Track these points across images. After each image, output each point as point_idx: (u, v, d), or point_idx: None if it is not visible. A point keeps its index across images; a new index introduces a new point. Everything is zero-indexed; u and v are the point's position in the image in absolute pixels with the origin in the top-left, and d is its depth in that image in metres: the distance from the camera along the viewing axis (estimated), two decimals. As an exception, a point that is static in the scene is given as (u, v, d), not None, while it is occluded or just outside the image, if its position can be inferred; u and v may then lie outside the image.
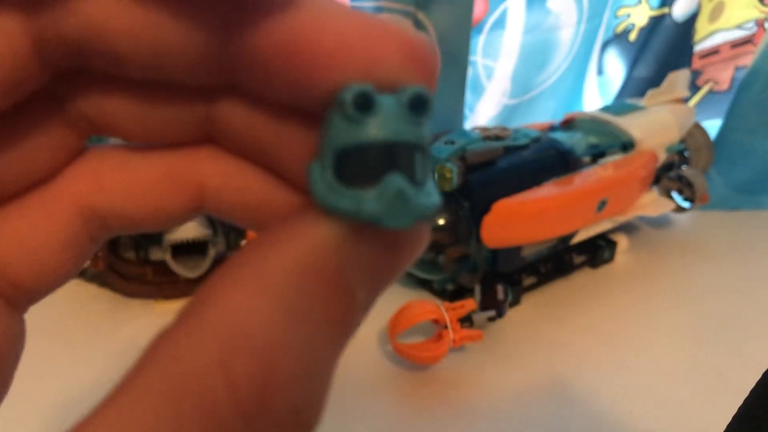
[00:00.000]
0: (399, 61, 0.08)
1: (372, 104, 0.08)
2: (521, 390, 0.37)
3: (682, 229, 0.58)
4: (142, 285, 0.44)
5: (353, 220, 0.08)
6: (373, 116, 0.08)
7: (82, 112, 0.10)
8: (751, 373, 0.19)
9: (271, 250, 0.08)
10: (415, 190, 0.08)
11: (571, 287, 0.48)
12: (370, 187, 0.08)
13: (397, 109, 0.08)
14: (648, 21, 0.66)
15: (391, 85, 0.08)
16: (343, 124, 0.08)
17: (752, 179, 0.60)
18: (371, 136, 0.08)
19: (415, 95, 0.08)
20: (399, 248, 0.09)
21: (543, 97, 0.67)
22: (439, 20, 0.49)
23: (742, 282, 0.49)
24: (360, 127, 0.08)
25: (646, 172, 0.49)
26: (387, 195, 0.08)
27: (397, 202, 0.08)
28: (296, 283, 0.08)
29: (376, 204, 0.08)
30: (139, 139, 0.11)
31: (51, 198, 0.10)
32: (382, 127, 0.08)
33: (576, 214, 0.45)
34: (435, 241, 0.44)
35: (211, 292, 0.08)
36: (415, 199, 0.08)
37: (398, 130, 0.08)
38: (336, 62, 0.08)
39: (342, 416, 0.35)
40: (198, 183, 0.11)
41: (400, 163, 0.08)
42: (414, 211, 0.08)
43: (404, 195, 0.08)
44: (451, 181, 0.38)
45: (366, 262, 0.09)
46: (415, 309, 0.38)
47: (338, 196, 0.08)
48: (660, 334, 0.43)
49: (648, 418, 0.35)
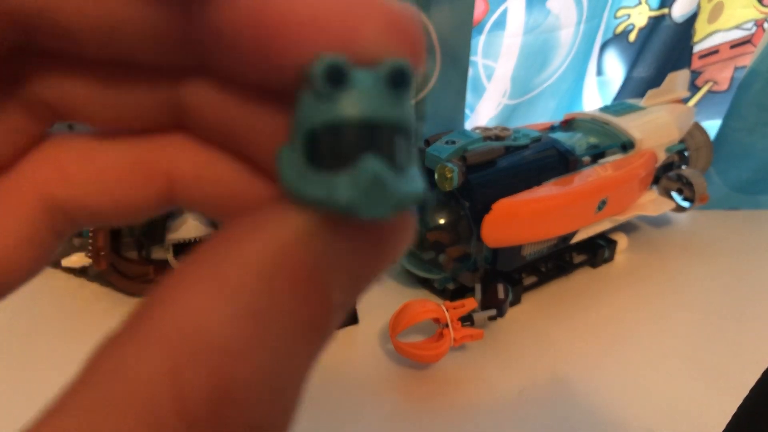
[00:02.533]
0: (378, 32, 0.07)
1: (345, 78, 0.07)
2: (522, 388, 0.37)
3: (681, 229, 0.58)
4: (144, 284, 0.44)
5: (325, 210, 0.08)
6: (347, 91, 0.07)
7: (41, 95, 0.09)
8: (751, 372, 0.19)
9: (233, 246, 0.07)
10: (394, 176, 0.07)
11: (571, 286, 0.48)
12: (345, 172, 0.07)
13: (375, 84, 0.07)
14: (647, 21, 0.67)
15: (370, 60, 0.07)
16: (314, 101, 0.07)
17: (751, 179, 0.60)
18: (344, 114, 0.07)
19: (395, 68, 0.07)
20: (379, 242, 0.08)
21: (543, 98, 0.67)
22: (440, 21, 0.49)
23: (742, 281, 0.50)
24: (332, 104, 0.07)
25: (646, 172, 0.49)
26: (362, 180, 0.07)
27: (373, 188, 0.07)
28: (260, 282, 0.07)
29: (351, 190, 0.07)
30: (104, 125, 0.10)
31: (11, 188, 0.10)
32: (356, 103, 0.07)
33: (576, 214, 0.45)
34: (436, 240, 0.44)
35: (163, 293, 0.07)
36: (395, 185, 0.07)
37: (375, 107, 0.07)
38: (308, 33, 0.07)
39: (343, 414, 0.35)
40: (168, 173, 0.10)
41: (378, 144, 0.07)
42: (393, 199, 0.07)
43: (382, 180, 0.07)
44: (452, 180, 0.39)
45: (342, 258, 0.08)
46: (416, 308, 0.38)
47: (308, 182, 0.07)
48: (660, 332, 0.43)
49: (647, 416, 0.35)
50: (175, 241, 0.41)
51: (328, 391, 0.36)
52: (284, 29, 0.07)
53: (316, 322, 0.08)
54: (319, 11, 0.07)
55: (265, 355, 0.07)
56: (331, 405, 0.35)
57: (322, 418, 0.34)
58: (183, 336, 0.07)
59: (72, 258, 0.44)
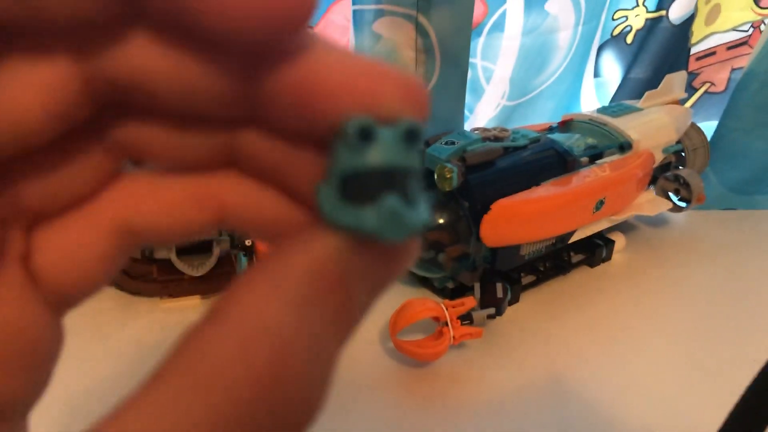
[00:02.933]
0: (396, 97, 0.10)
1: (372, 135, 0.09)
2: (520, 386, 0.38)
3: (678, 229, 0.59)
4: (147, 283, 0.44)
5: (354, 234, 0.10)
6: (374, 145, 0.10)
7: (120, 139, 0.11)
8: (747, 371, 0.19)
9: (284, 260, 0.10)
10: (408, 209, 0.10)
11: (569, 285, 0.49)
12: (370, 206, 0.10)
13: (394, 140, 0.10)
14: (645, 23, 0.67)
15: (389, 119, 0.10)
16: (347, 151, 0.10)
17: (748, 179, 0.60)
18: (371, 163, 0.10)
19: (409, 128, 0.10)
20: (393, 258, 0.11)
21: (541, 99, 0.68)
22: (440, 23, 0.50)
23: (738, 280, 0.50)
24: (361, 155, 0.10)
25: (643, 173, 0.50)
26: (384, 213, 0.10)
27: (392, 219, 0.10)
28: (305, 287, 0.09)
29: (375, 220, 0.10)
30: (170, 164, 0.12)
31: (92, 216, 0.12)
32: (380, 154, 0.10)
33: (574, 214, 0.45)
34: (435, 240, 0.44)
35: (233, 295, 0.09)
36: (408, 216, 0.10)
37: (394, 158, 0.10)
38: (340, 98, 0.09)
39: (343, 411, 0.36)
40: (220, 202, 0.12)
41: (396, 185, 0.10)
42: (407, 227, 0.10)
43: (398, 213, 0.10)
44: (451, 181, 0.39)
45: (365, 269, 0.10)
46: (415, 306, 0.38)
47: (342, 213, 0.10)
48: (656, 331, 0.44)
49: (645, 414, 0.36)
50: (178, 241, 0.41)
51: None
52: (321, 94, 0.10)
53: (345, 316, 0.10)
54: (349, 81, 0.10)
55: (309, 341, 0.09)
56: (331, 402, 0.36)
57: (322, 416, 0.35)
58: (251, 327, 0.09)
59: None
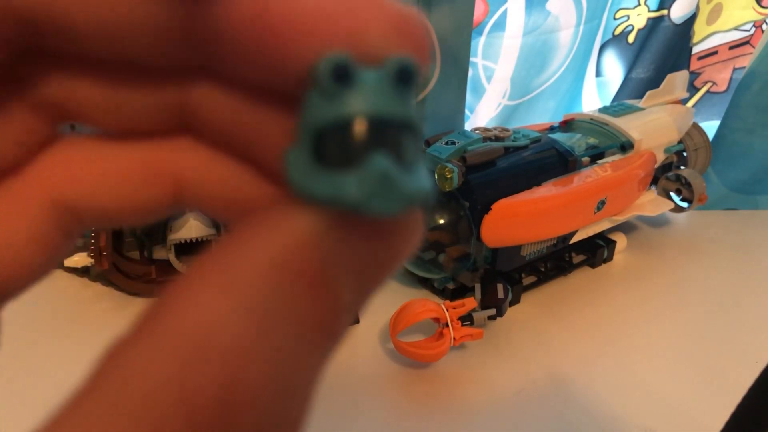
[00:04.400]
0: (383, 30, 0.07)
1: (351, 75, 0.07)
2: (521, 387, 0.38)
3: (680, 229, 0.59)
4: (146, 283, 0.44)
5: (333, 207, 0.07)
6: (354, 89, 0.07)
7: (49, 96, 0.09)
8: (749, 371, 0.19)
9: (242, 247, 0.07)
10: (402, 172, 0.07)
11: (570, 286, 0.49)
12: (353, 170, 0.07)
13: (381, 82, 0.07)
14: (646, 23, 0.67)
15: (375, 58, 0.08)
16: (320, 100, 0.07)
17: (750, 179, 0.60)
18: (351, 111, 0.07)
19: (401, 66, 0.08)
20: (388, 241, 0.08)
21: (542, 98, 0.68)
22: (440, 22, 0.49)
23: (740, 281, 0.50)
24: (339, 103, 0.07)
25: (645, 173, 0.49)
26: (370, 177, 0.07)
27: (382, 184, 0.07)
28: (269, 283, 0.07)
29: (359, 187, 0.07)
30: (112, 126, 0.10)
31: (20, 188, 0.10)
32: (363, 100, 0.07)
33: (575, 214, 0.45)
34: (436, 240, 0.44)
35: (172, 295, 0.07)
36: (403, 181, 0.07)
37: (382, 104, 0.07)
38: (312, 32, 0.07)
39: (343, 413, 0.35)
40: (175, 175, 0.10)
41: (386, 141, 0.07)
42: (402, 196, 0.07)
43: (390, 177, 0.07)
44: (452, 181, 0.39)
45: (351, 257, 0.08)
46: (416, 307, 0.38)
47: (316, 181, 0.07)
48: (658, 332, 0.43)
49: (646, 415, 0.35)
50: (177, 241, 0.41)
51: (329, 390, 0.36)
52: (287, 27, 0.07)
53: (325, 322, 0.08)
54: (324, 9, 0.07)
55: (272, 354, 0.07)
56: (331, 404, 0.36)
57: (322, 417, 0.35)
58: (189, 336, 0.07)
59: (74, 258, 0.45)
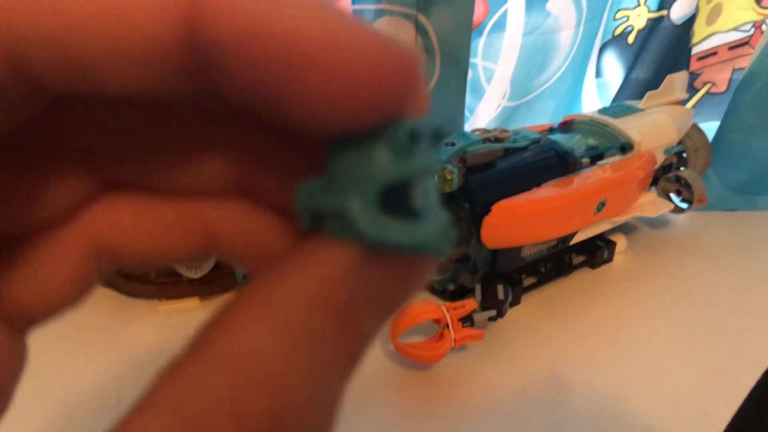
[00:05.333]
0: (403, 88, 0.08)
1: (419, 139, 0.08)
2: (522, 388, 0.37)
3: (680, 230, 0.59)
4: (145, 285, 0.44)
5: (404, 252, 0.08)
6: (418, 149, 0.08)
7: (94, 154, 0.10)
8: (750, 372, 0.19)
9: (282, 282, 0.08)
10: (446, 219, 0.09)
11: (570, 287, 0.49)
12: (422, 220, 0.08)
13: (429, 142, 0.08)
14: (646, 23, 0.67)
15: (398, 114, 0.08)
16: (390, 158, 0.08)
17: (749, 180, 0.60)
18: (418, 170, 0.08)
19: (437, 128, 0.08)
20: (406, 279, 0.09)
21: (542, 99, 0.68)
22: (440, 23, 0.49)
23: (739, 282, 0.50)
24: (408, 161, 0.08)
25: (645, 174, 0.49)
26: (440, 225, 0.08)
27: (446, 232, 0.08)
28: (306, 315, 0.08)
29: (430, 235, 0.08)
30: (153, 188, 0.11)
31: (66, 234, 0.11)
32: (424, 159, 0.08)
33: (575, 215, 0.45)
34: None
35: (221, 322, 0.08)
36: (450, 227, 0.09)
37: (433, 162, 0.08)
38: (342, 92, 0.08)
39: (344, 415, 0.35)
40: (209, 229, 0.11)
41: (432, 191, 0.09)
42: (452, 239, 0.09)
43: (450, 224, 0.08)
44: (452, 182, 0.39)
45: (374, 293, 0.09)
46: (416, 309, 0.38)
47: (388, 230, 0.08)
48: (658, 333, 0.43)
49: (646, 416, 0.35)
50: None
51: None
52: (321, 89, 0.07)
53: (350, 349, 0.09)
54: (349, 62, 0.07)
55: (310, 379, 0.08)
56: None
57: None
58: (241, 363, 0.07)
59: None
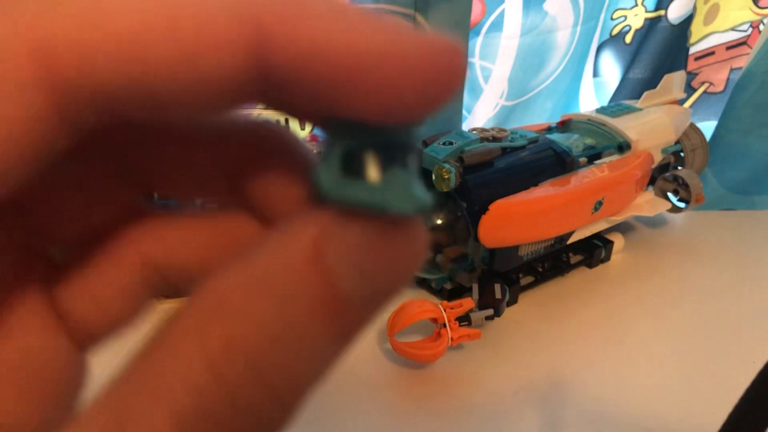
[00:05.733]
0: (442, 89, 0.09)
1: None
2: (519, 387, 0.38)
3: (677, 229, 0.59)
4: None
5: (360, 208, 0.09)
6: None
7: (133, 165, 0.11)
8: (746, 371, 0.19)
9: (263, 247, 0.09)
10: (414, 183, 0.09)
11: (567, 286, 0.49)
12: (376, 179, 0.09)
13: None
14: (644, 23, 0.67)
15: None
16: None
17: (747, 180, 0.60)
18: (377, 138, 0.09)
19: None
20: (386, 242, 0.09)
21: (540, 99, 0.68)
22: (438, 22, 0.49)
23: (736, 281, 0.50)
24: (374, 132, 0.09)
25: (642, 173, 0.50)
26: (394, 183, 0.09)
27: (402, 189, 0.09)
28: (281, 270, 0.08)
29: (383, 193, 0.09)
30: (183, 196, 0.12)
31: (117, 250, 0.12)
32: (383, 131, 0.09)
33: (572, 215, 0.45)
34: (433, 240, 0.44)
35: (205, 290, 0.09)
36: (416, 190, 0.09)
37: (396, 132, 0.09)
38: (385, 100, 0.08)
39: (340, 413, 0.35)
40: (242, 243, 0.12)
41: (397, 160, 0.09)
42: (415, 201, 0.09)
43: (408, 183, 0.09)
44: (449, 181, 0.39)
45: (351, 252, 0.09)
46: (413, 308, 0.38)
47: (345, 188, 0.09)
48: (655, 332, 0.43)
49: (643, 414, 0.35)
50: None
51: (326, 390, 0.36)
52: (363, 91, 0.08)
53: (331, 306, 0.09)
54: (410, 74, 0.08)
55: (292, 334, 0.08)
56: (328, 404, 0.36)
57: (320, 417, 0.35)
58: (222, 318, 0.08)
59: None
